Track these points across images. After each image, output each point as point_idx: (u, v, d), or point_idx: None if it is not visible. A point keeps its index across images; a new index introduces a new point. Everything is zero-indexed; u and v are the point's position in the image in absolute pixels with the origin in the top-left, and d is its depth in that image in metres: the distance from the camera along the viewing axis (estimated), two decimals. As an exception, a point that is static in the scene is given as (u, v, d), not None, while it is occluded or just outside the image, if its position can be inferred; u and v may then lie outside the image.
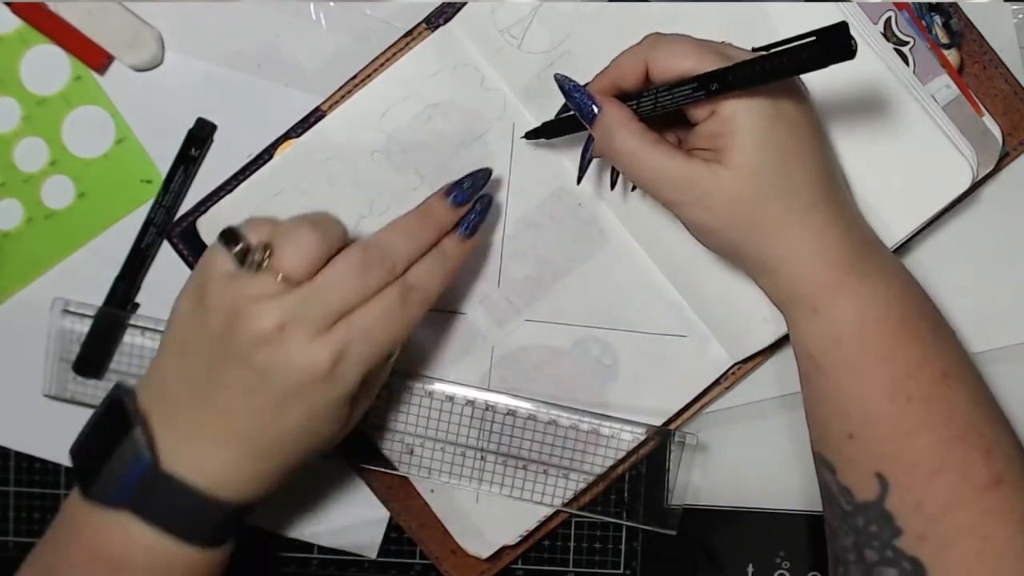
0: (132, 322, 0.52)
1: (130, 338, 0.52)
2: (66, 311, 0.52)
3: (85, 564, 0.41)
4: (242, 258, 0.40)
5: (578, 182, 0.47)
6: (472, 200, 0.45)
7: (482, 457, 0.51)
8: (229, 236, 0.40)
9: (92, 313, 0.51)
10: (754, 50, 0.37)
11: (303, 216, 0.41)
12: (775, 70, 0.36)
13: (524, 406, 0.50)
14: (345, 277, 0.40)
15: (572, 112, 0.45)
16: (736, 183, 0.39)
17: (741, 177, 0.39)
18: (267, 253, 0.39)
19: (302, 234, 0.40)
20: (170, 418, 0.41)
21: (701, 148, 0.41)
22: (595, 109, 0.42)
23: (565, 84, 0.43)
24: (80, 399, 0.52)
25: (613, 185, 0.48)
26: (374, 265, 0.40)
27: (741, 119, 0.39)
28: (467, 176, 0.45)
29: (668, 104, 0.40)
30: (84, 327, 0.52)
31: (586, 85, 0.43)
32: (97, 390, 0.52)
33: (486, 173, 0.45)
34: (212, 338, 0.40)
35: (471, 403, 0.51)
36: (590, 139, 0.45)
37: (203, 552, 0.42)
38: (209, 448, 0.40)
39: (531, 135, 0.48)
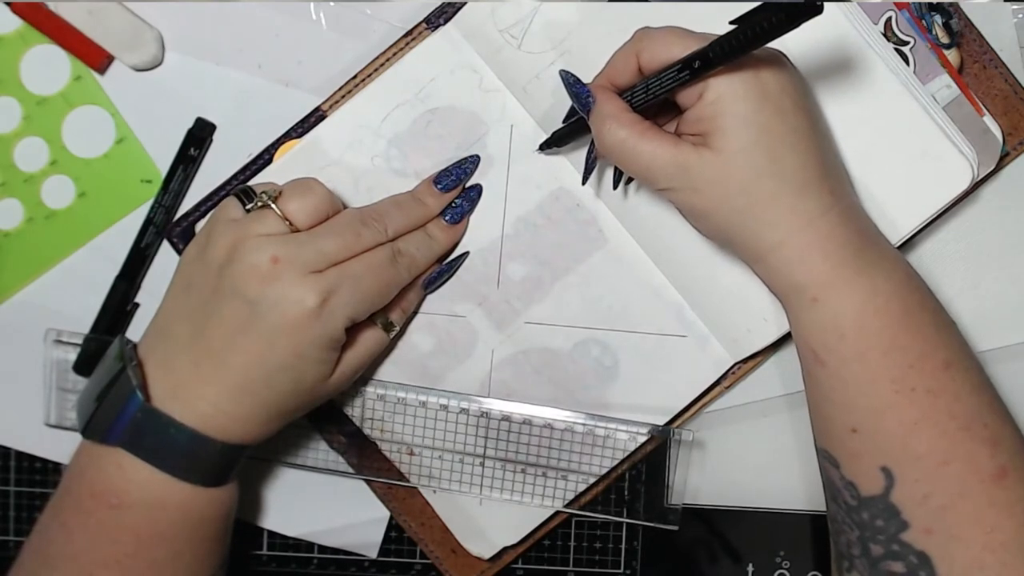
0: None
1: None
2: (58, 341, 0.52)
3: (87, 501, 0.44)
4: (252, 208, 0.43)
5: (583, 183, 0.48)
6: (457, 186, 0.49)
7: (481, 463, 0.51)
8: (243, 191, 0.44)
9: (80, 342, 0.52)
10: (730, 23, 0.37)
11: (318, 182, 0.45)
12: (752, 37, 0.36)
13: (519, 410, 0.50)
14: (342, 229, 0.43)
15: (575, 118, 0.46)
16: (722, 165, 0.40)
17: (727, 159, 0.40)
18: (276, 195, 0.43)
19: (311, 187, 0.44)
20: (167, 359, 0.43)
21: (691, 134, 0.41)
22: (590, 100, 0.43)
23: (567, 79, 0.44)
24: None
25: (616, 185, 0.48)
26: (369, 223, 0.44)
27: (726, 102, 0.39)
28: (454, 164, 0.49)
29: (658, 90, 0.41)
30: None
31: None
32: None
33: (474, 160, 0.49)
34: (212, 272, 0.42)
35: (465, 411, 0.51)
36: (593, 142, 0.45)
37: (197, 491, 0.44)
38: (201, 386, 0.42)
39: (544, 146, 0.49)
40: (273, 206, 0.43)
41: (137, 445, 0.43)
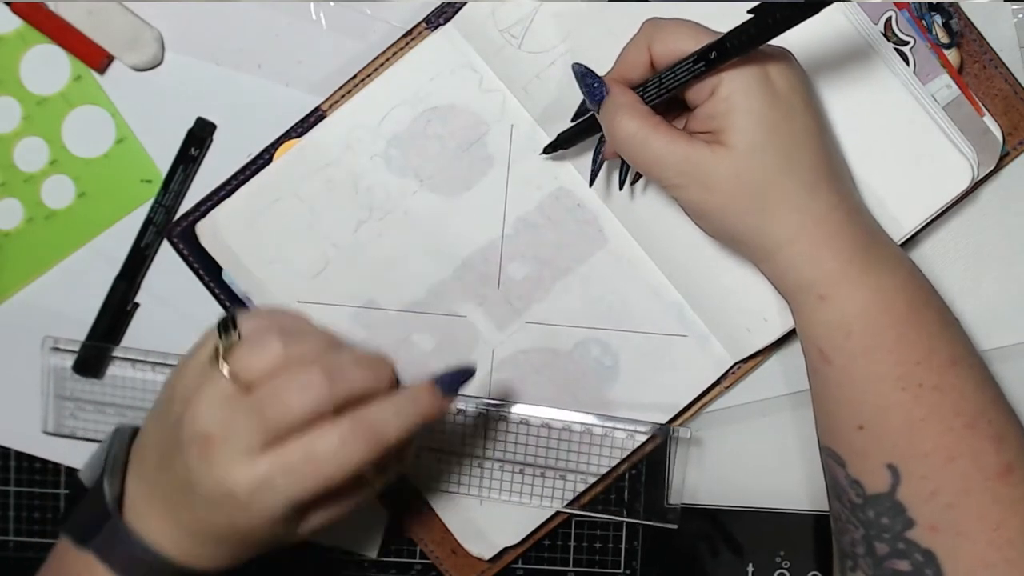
0: (121, 355, 0.52)
1: (119, 370, 0.52)
2: (55, 348, 0.52)
3: None
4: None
5: (590, 184, 0.47)
6: (455, 392, 0.42)
7: (480, 464, 0.51)
8: (224, 322, 0.39)
9: (77, 349, 0.52)
10: (748, 12, 0.37)
11: (281, 320, 0.40)
12: (771, 25, 0.36)
13: (517, 410, 0.50)
14: (288, 389, 0.37)
15: (583, 117, 0.45)
16: (736, 162, 0.40)
17: (741, 156, 0.39)
18: (231, 346, 0.38)
19: (266, 340, 0.38)
20: (143, 472, 0.41)
21: (702, 131, 0.41)
22: (603, 91, 0.42)
23: (579, 70, 0.43)
24: (79, 434, 0.53)
25: (621, 185, 0.48)
26: (334, 380, 0.37)
27: (738, 98, 0.39)
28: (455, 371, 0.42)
29: (672, 84, 0.40)
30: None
31: None
32: (98, 424, 0.53)
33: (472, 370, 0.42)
34: (172, 419, 0.39)
35: (462, 411, 0.51)
36: (601, 142, 0.45)
37: None
38: (161, 520, 0.40)
39: (549, 149, 0.48)
40: (223, 367, 0.38)
41: (107, 554, 0.40)
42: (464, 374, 0.41)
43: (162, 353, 0.52)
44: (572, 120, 0.47)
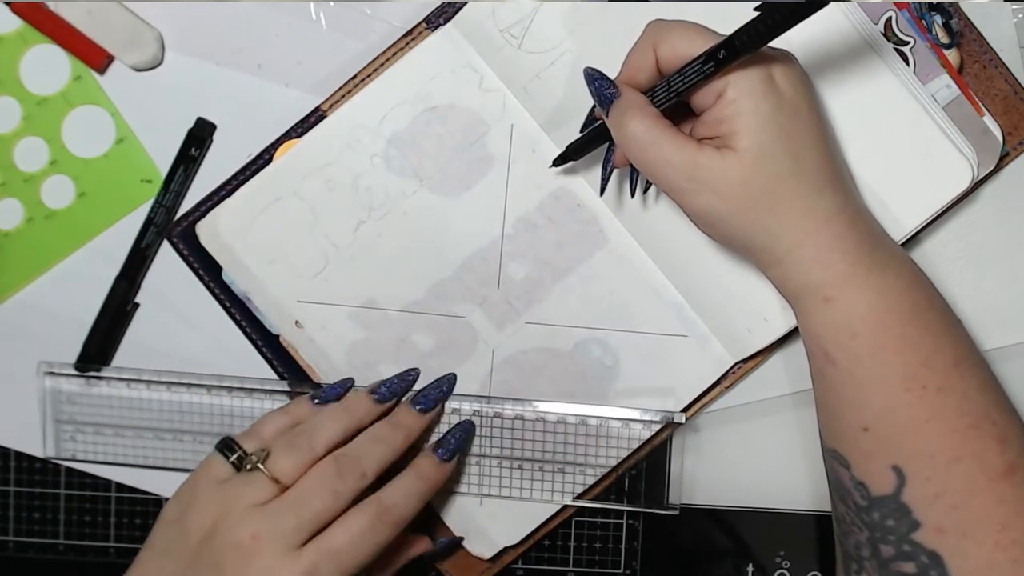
0: (112, 375, 0.52)
1: (114, 390, 0.52)
2: (50, 373, 0.52)
3: None
4: (239, 464, 0.43)
5: (600, 193, 0.47)
6: (435, 407, 0.49)
7: (478, 462, 0.51)
8: (226, 445, 0.44)
9: (71, 372, 0.52)
10: (755, 9, 0.37)
11: (296, 418, 0.46)
12: (779, 21, 0.36)
13: (512, 407, 0.50)
14: (319, 488, 0.42)
15: (592, 127, 0.45)
16: (746, 166, 0.39)
17: (750, 160, 0.39)
18: (264, 456, 0.43)
19: (298, 443, 0.43)
20: None
21: (708, 137, 0.41)
22: (613, 93, 0.41)
23: (591, 74, 0.42)
24: (80, 457, 0.53)
25: (633, 193, 0.48)
26: (345, 474, 0.43)
27: (745, 102, 0.39)
28: (431, 384, 0.49)
29: (680, 87, 0.40)
30: (72, 386, 0.52)
31: None
32: (96, 447, 0.53)
33: (450, 378, 0.50)
34: (192, 542, 0.41)
35: (457, 411, 0.50)
36: (610, 150, 0.45)
37: None
38: None
39: (558, 161, 0.48)
40: (263, 468, 0.42)
41: None
42: (441, 384, 0.48)
43: (155, 371, 0.52)
44: (581, 130, 0.47)
